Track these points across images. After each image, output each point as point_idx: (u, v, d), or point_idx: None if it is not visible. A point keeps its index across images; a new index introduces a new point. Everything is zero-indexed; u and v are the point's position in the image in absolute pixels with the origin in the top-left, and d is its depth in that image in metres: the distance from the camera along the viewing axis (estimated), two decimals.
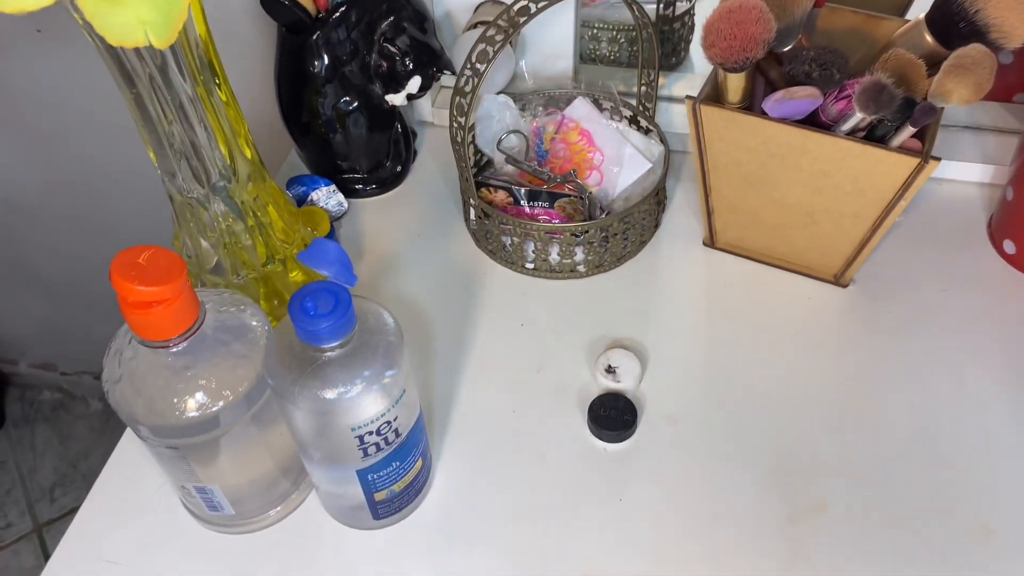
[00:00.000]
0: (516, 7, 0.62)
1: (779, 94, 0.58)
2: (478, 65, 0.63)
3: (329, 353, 0.47)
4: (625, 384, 0.63)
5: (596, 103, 0.78)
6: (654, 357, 0.66)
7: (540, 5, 0.61)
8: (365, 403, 0.48)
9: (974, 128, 0.79)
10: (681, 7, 0.87)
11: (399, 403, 0.50)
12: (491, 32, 0.62)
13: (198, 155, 0.51)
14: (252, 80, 0.93)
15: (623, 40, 0.86)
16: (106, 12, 0.34)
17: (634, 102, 0.77)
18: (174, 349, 0.47)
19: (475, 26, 0.78)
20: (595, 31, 0.87)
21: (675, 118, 0.81)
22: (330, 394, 0.47)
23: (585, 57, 0.88)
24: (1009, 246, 0.71)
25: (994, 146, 0.78)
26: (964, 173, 0.77)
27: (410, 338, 0.68)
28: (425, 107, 0.85)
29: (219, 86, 0.51)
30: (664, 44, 0.87)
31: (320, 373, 0.47)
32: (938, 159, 0.57)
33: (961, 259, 0.72)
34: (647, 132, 0.76)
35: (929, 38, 0.62)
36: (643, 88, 0.75)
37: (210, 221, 0.56)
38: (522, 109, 0.78)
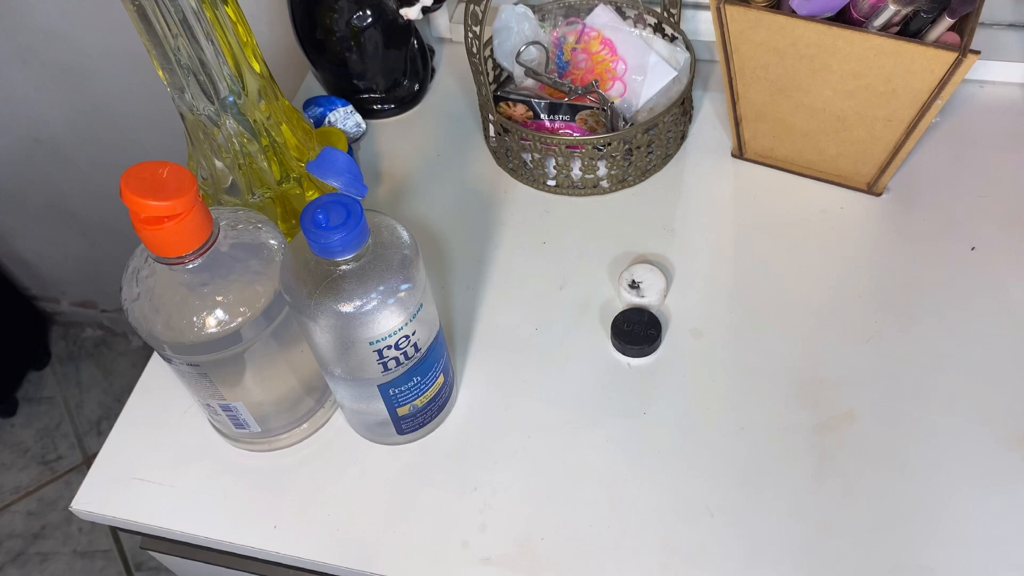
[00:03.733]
0: None
1: None
2: None
3: (344, 267, 0.47)
4: (649, 299, 0.62)
5: (619, 11, 0.75)
6: (680, 272, 0.65)
7: None
8: (382, 317, 0.48)
9: (1020, 26, 0.74)
10: None
11: (416, 317, 0.49)
12: None
13: (205, 70, 0.50)
14: (269, 3, 0.91)
15: None
16: None
17: (659, 9, 0.74)
18: (189, 266, 0.47)
19: None
20: None
21: (702, 25, 0.78)
22: (346, 308, 0.47)
23: None
24: None
25: None
26: (1008, 74, 0.73)
27: (431, 258, 0.68)
28: (442, 22, 0.83)
29: (225, 1, 0.49)
30: None
31: (335, 287, 0.47)
32: (977, 52, 0.54)
33: (1003, 163, 0.69)
34: (672, 40, 0.73)
35: None
36: None
37: (223, 140, 0.55)
38: (541, 19, 0.75)
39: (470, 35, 0.64)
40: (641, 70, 0.70)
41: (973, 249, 0.64)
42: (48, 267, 1.59)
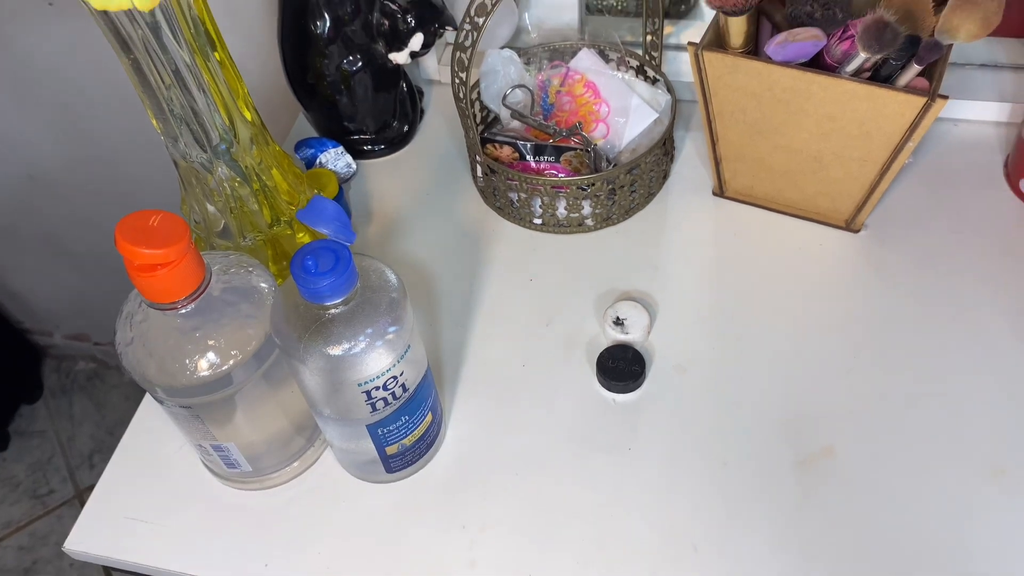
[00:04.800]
0: None
1: (781, 36, 0.57)
2: (477, 19, 0.62)
3: (332, 311, 0.48)
4: (633, 336, 0.63)
5: (601, 54, 0.77)
6: (663, 308, 0.66)
7: None
8: (370, 359, 0.49)
9: (990, 66, 0.77)
10: None
11: (404, 358, 0.51)
12: None
13: (198, 119, 0.52)
14: (260, 45, 0.93)
15: None
16: None
17: (641, 52, 0.76)
18: (182, 311, 0.48)
19: None
20: None
21: (683, 66, 0.80)
22: (335, 351, 0.48)
23: (592, 7, 0.87)
24: None
25: (1011, 84, 0.76)
26: (980, 113, 0.76)
27: (419, 296, 0.69)
28: (431, 65, 0.85)
29: (215, 49, 0.51)
30: None
31: (325, 330, 0.48)
32: (946, 97, 0.56)
33: (976, 200, 0.71)
34: (654, 82, 0.75)
35: None
36: (649, 37, 0.74)
37: (215, 186, 0.56)
38: (527, 63, 0.77)
39: (456, 81, 0.65)
40: (624, 112, 0.72)
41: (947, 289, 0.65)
42: (41, 301, 1.60)
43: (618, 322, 0.64)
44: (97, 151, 1.19)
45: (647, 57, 0.75)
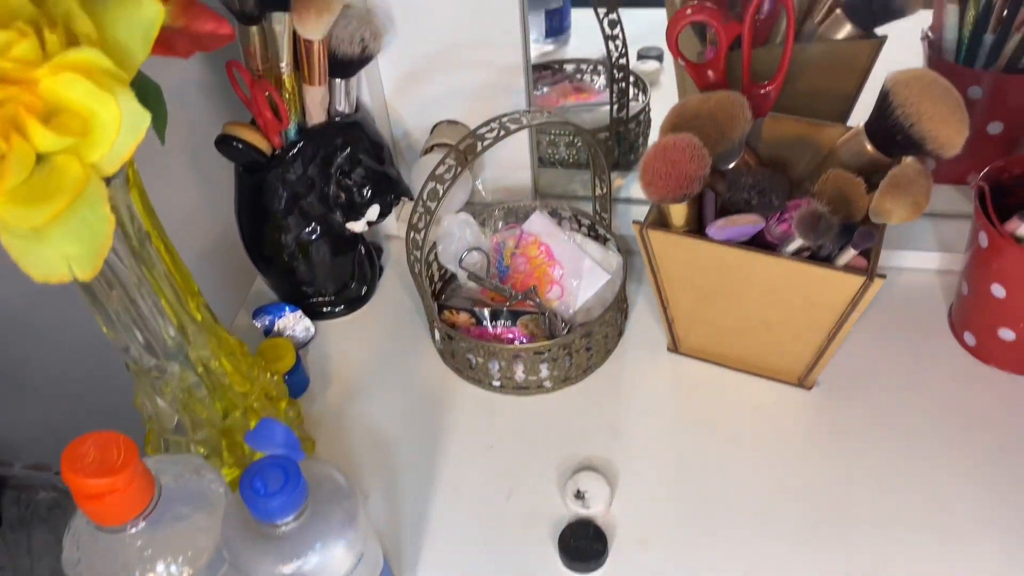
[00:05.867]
0: (463, 145, 0.63)
1: (721, 221, 0.59)
2: (429, 203, 0.64)
3: (283, 527, 0.47)
4: (595, 509, 0.63)
5: (554, 213, 0.79)
6: (624, 475, 0.66)
7: (485, 144, 0.62)
8: (323, 573, 0.48)
9: (929, 214, 0.80)
10: (635, 107, 0.88)
11: (358, 566, 0.50)
12: (440, 170, 0.63)
13: (148, 329, 0.52)
14: (225, 207, 0.94)
15: (580, 143, 0.88)
16: (30, 250, 0.35)
17: (591, 211, 0.78)
18: (131, 531, 0.48)
19: (432, 148, 0.79)
20: (553, 136, 0.88)
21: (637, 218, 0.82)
22: (286, 568, 0.47)
23: (545, 161, 0.90)
24: (970, 338, 0.71)
25: (950, 232, 0.78)
26: (922, 262, 0.78)
27: (379, 468, 0.69)
28: (390, 222, 0.86)
29: (165, 259, 0.52)
30: (620, 144, 0.89)
31: (275, 548, 0.47)
32: (883, 276, 0.57)
33: (924, 352, 0.72)
34: (605, 241, 0.77)
35: (869, 146, 0.64)
36: (598, 191, 0.76)
37: (167, 384, 0.56)
38: (482, 224, 0.79)
39: (411, 257, 0.67)
40: (576, 274, 0.73)
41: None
42: (1, 432, 1.57)
43: (579, 495, 0.64)
44: (56, 287, 1.18)
45: (598, 217, 0.78)
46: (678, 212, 0.61)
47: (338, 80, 0.71)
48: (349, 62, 0.69)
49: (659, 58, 0.94)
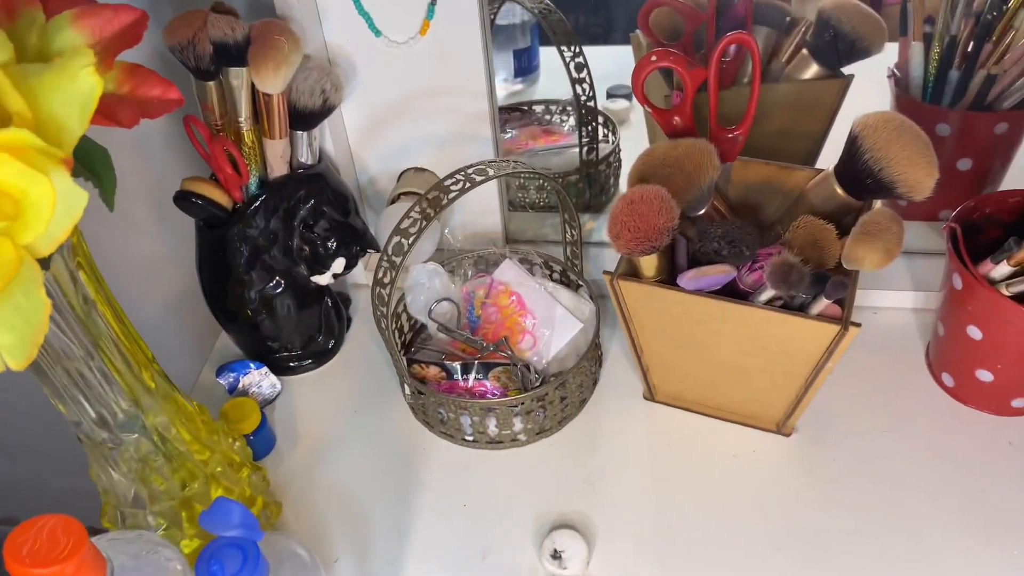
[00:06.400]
0: (428, 196, 0.62)
1: (692, 272, 0.58)
2: (394, 258, 0.62)
3: None
4: (572, 570, 0.61)
5: (524, 260, 0.77)
6: (601, 532, 0.64)
7: (450, 197, 0.61)
8: None
9: (903, 253, 0.78)
10: (604, 148, 0.87)
11: None
12: (405, 224, 0.62)
13: (99, 402, 0.50)
14: (191, 258, 0.92)
15: (550, 187, 0.87)
16: None
17: (563, 258, 0.77)
18: None
19: (399, 197, 0.78)
20: (523, 180, 0.87)
21: (608, 263, 0.81)
22: None
23: (515, 205, 0.89)
24: (948, 379, 0.70)
25: (924, 269, 0.78)
26: (898, 301, 0.77)
27: (351, 530, 0.66)
28: (358, 271, 0.85)
29: (114, 327, 0.50)
30: (591, 186, 0.88)
31: None
32: (858, 324, 0.56)
33: (903, 394, 0.71)
34: (577, 287, 0.76)
35: (839, 190, 0.63)
36: (569, 246, 0.75)
37: (122, 457, 0.54)
38: (451, 272, 0.77)
39: (378, 313, 0.65)
40: (548, 323, 0.72)
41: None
42: None
43: (556, 555, 0.62)
44: None
45: (569, 263, 0.76)
46: (648, 263, 0.59)
47: (300, 132, 0.69)
48: (310, 114, 0.68)
49: (628, 97, 0.93)
